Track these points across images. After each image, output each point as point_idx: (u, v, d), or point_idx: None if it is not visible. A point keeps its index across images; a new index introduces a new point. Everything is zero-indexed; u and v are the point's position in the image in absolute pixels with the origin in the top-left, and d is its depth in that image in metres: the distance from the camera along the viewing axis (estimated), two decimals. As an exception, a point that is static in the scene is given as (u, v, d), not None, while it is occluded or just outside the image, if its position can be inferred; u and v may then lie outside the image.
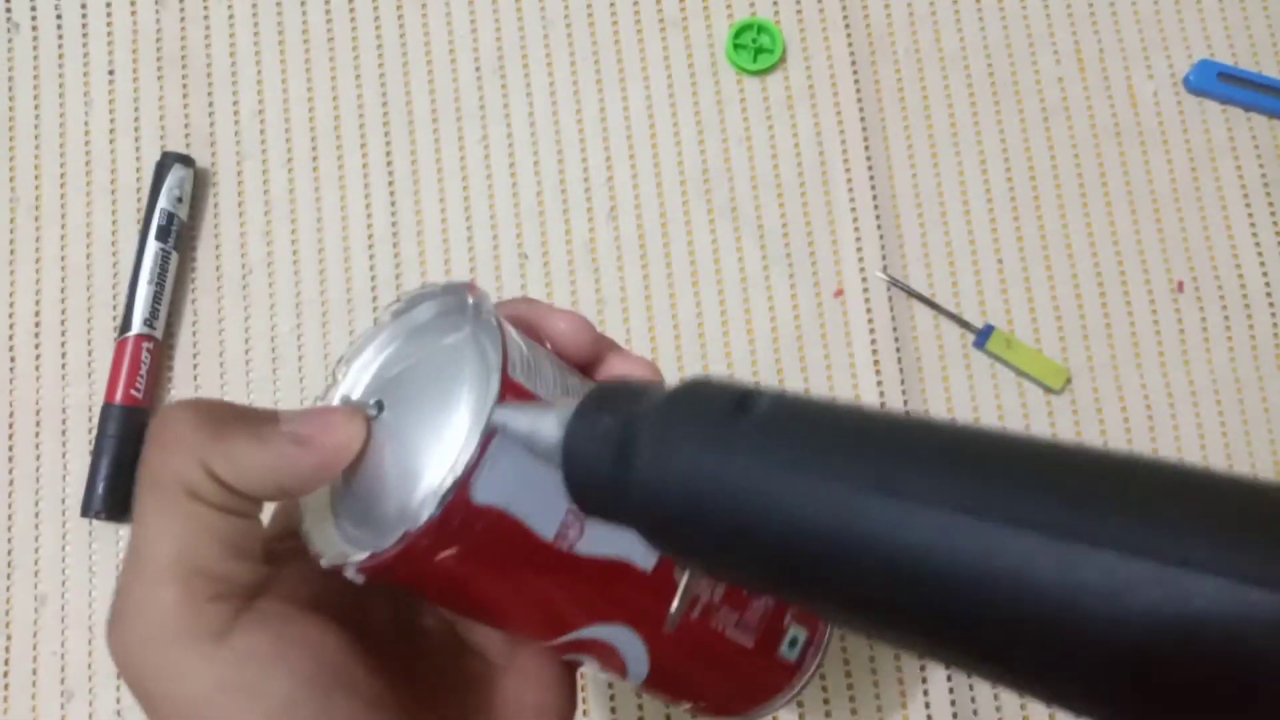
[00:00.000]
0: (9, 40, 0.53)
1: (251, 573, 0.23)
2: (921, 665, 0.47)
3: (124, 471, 0.47)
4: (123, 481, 0.47)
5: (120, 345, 0.48)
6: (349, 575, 0.22)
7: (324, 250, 0.51)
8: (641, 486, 0.18)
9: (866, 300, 0.51)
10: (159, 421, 0.23)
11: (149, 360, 0.48)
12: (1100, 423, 0.50)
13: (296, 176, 0.52)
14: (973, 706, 0.47)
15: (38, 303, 0.50)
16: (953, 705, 0.47)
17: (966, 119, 0.53)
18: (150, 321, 0.48)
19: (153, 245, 0.49)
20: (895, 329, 0.51)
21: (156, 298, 0.48)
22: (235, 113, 0.52)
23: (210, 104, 0.52)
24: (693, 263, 0.51)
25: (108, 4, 0.53)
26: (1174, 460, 0.13)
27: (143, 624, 0.21)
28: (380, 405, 0.24)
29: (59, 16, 0.53)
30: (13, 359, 0.50)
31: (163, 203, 0.49)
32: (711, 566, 0.18)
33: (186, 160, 0.50)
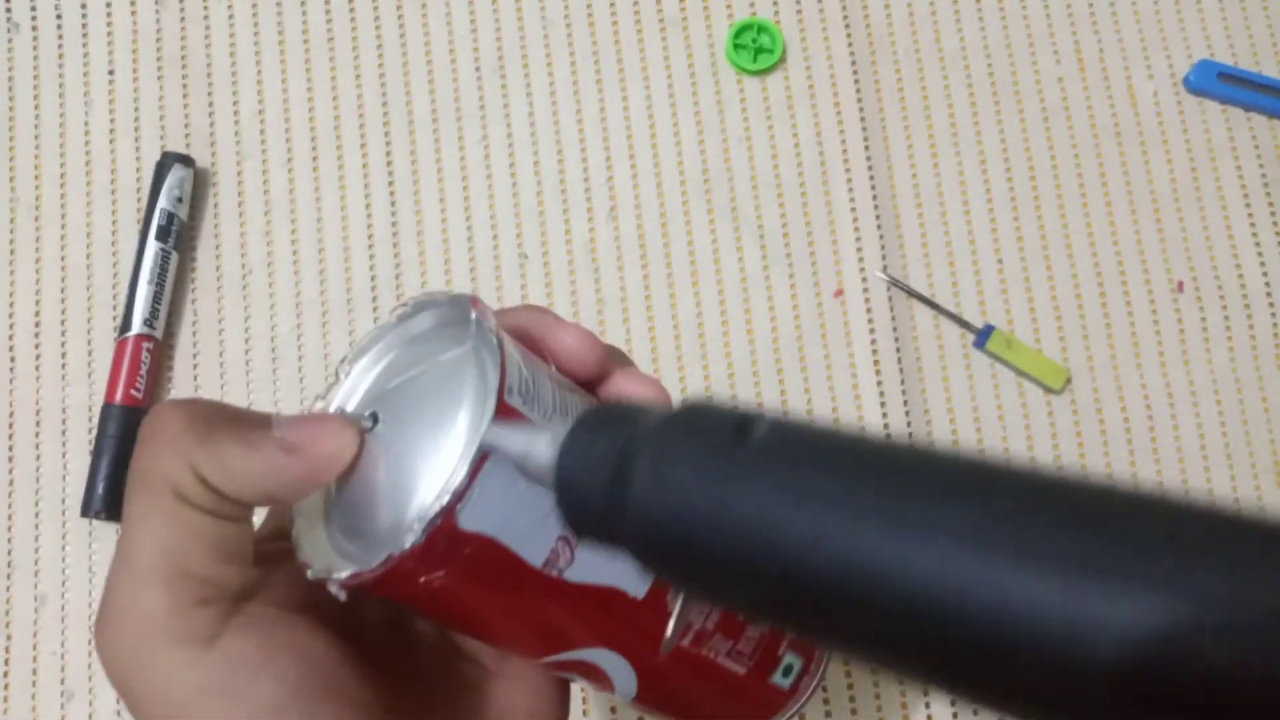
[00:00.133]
0: (9, 40, 0.53)
1: (240, 576, 0.23)
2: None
3: (124, 471, 0.47)
4: (122, 482, 0.47)
5: (120, 345, 0.48)
6: (332, 590, 0.22)
7: (324, 250, 0.51)
8: (636, 512, 0.17)
9: (866, 300, 0.51)
10: (149, 421, 0.22)
11: (149, 360, 0.48)
12: (1100, 423, 0.50)
13: (296, 176, 0.52)
14: (974, 707, 0.47)
15: (38, 303, 0.50)
16: (953, 704, 0.47)
17: (966, 119, 0.53)
18: (150, 321, 0.48)
19: (153, 245, 0.49)
20: (895, 329, 0.51)
21: (156, 298, 0.48)
22: (235, 113, 0.52)
23: (210, 104, 0.52)
24: (693, 263, 0.51)
25: (108, 4, 0.53)
26: (1166, 491, 0.13)
27: (129, 626, 0.21)
28: (375, 417, 0.24)
29: (59, 16, 0.53)
30: (13, 359, 0.50)
31: (163, 203, 0.49)
32: (706, 594, 0.18)
33: (186, 160, 0.50)
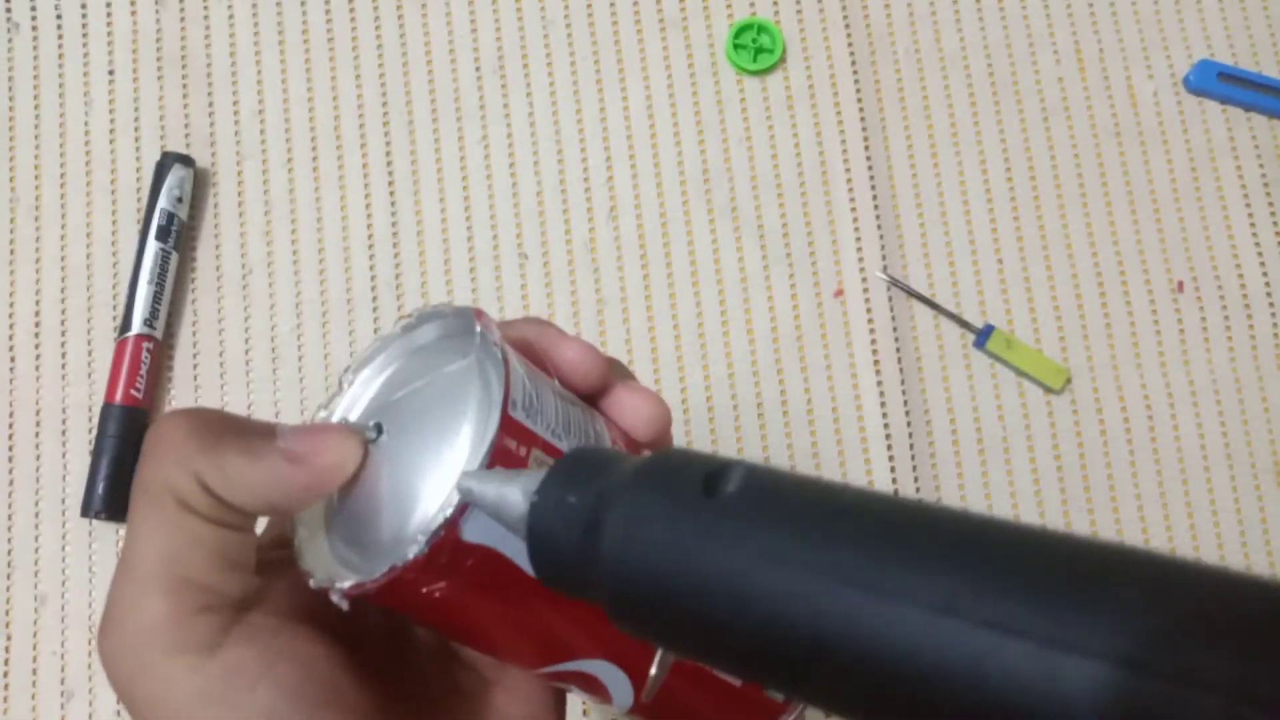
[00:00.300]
0: (9, 40, 0.53)
1: (242, 584, 0.23)
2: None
3: (124, 471, 0.47)
4: (122, 481, 0.47)
5: (120, 345, 0.48)
6: (334, 599, 0.22)
7: (324, 250, 0.51)
8: (608, 568, 0.17)
9: (866, 300, 0.51)
10: (155, 430, 0.23)
11: (149, 360, 0.48)
12: (1100, 423, 0.50)
13: (296, 176, 0.52)
14: None
15: (38, 303, 0.50)
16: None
17: (966, 119, 0.53)
18: (150, 321, 0.48)
19: (153, 245, 0.49)
20: (895, 329, 0.51)
21: (156, 298, 0.48)
22: (235, 113, 0.52)
23: (210, 104, 0.52)
24: (693, 263, 0.51)
25: (108, 4, 0.53)
26: (1153, 551, 0.14)
27: (130, 633, 0.21)
28: (379, 428, 0.24)
29: (59, 16, 0.53)
30: (13, 359, 0.50)
31: (163, 203, 0.49)
32: (679, 650, 0.18)
33: (186, 160, 0.50)
